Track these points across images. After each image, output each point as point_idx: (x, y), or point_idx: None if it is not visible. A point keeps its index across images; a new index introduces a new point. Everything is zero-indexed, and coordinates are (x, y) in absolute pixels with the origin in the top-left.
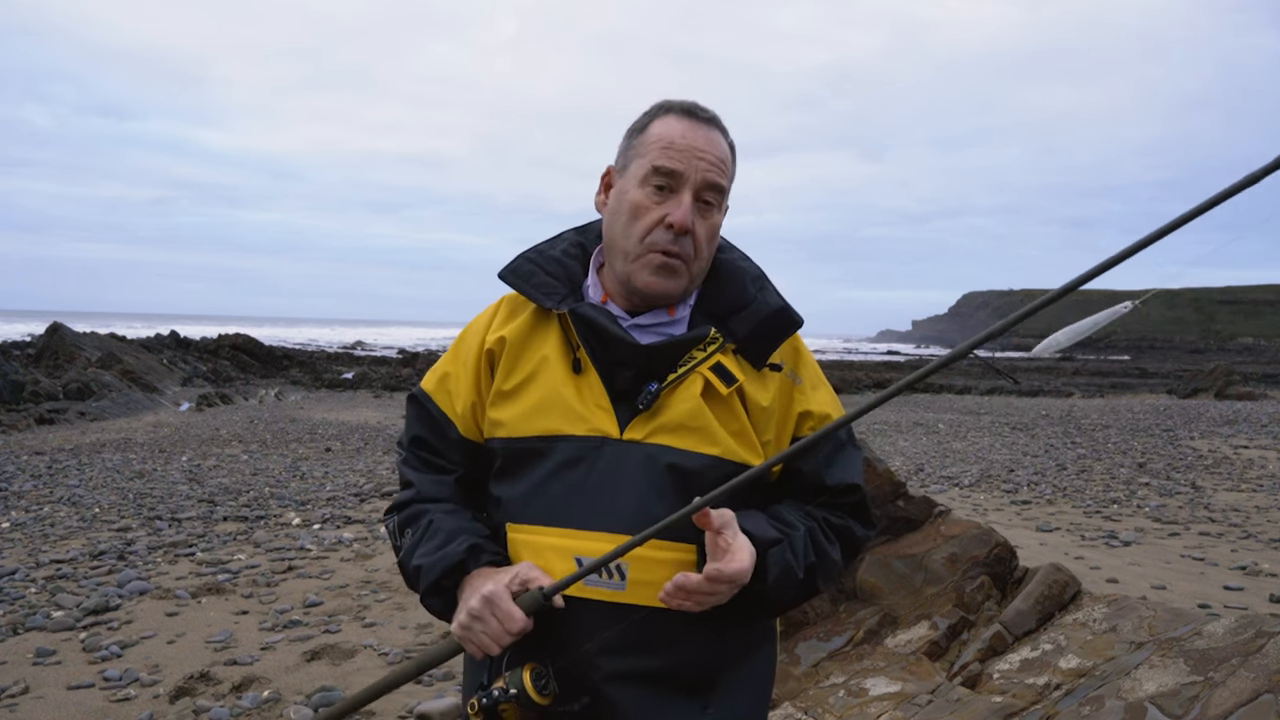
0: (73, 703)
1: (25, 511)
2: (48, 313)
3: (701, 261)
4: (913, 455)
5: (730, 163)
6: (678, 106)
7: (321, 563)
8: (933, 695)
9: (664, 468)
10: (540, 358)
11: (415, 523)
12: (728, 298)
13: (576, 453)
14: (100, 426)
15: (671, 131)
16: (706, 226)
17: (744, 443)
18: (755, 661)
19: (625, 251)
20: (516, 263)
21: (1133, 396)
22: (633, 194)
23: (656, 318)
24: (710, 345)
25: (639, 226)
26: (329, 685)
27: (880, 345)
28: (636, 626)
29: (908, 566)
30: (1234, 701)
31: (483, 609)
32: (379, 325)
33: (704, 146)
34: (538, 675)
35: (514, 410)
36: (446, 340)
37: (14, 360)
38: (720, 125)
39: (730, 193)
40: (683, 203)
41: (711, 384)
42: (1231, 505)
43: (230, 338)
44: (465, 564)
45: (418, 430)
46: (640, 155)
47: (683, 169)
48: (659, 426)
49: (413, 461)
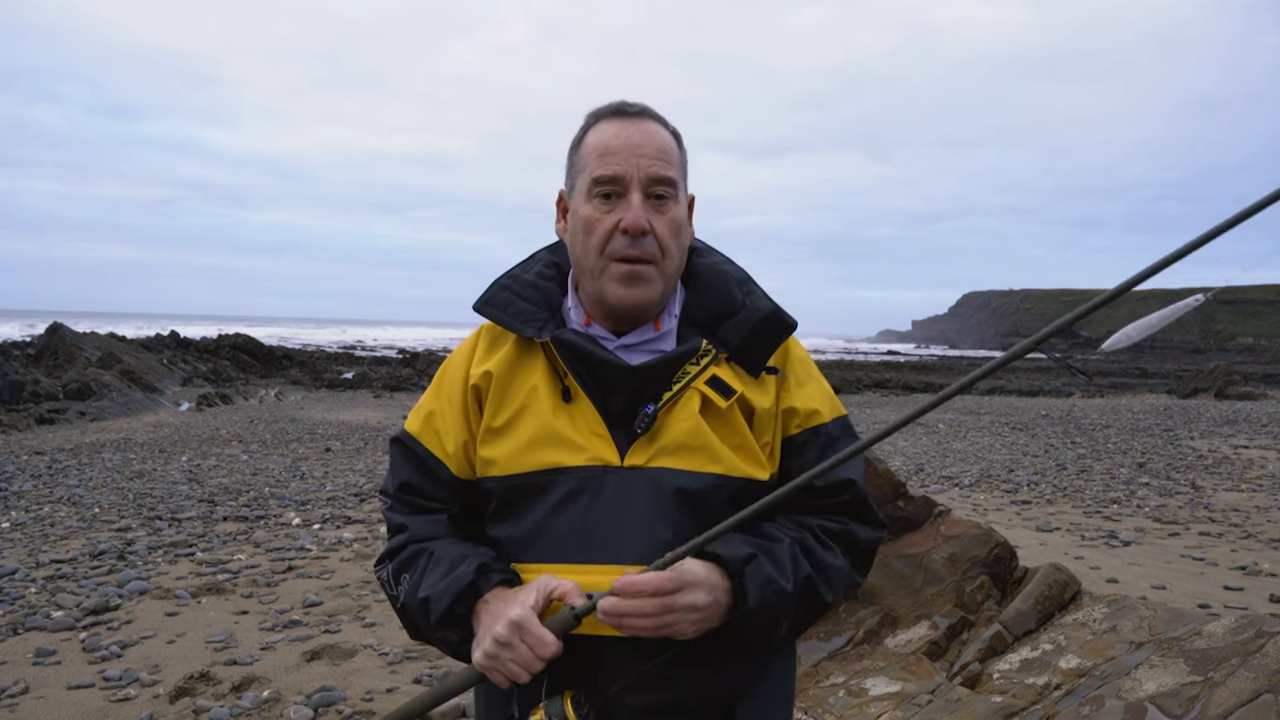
0: (73, 703)
1: (25, 511)
2: (48, 313)
3: (672, 260)
4: (913, 455)
5: (674, 150)
6: (605, 110)
7: (321, 563)
8: (933, 695)
9: (671, 492)
10: (529, 389)
11: (413, 564)
12: (714, 305)
13: (578, 484)
14: (100, 426)
15: (604, 137)
16: (665, 221)
17: (747, 456)
18: (776, 676)
19: (589, 269)
20: (490, 292)
21: (1133, 396)
22: (583, 210)
23: (643, 335)
24: (703, 358)
25: (595, 240)
26: (329, 685)
27: (880, 345)
28: (665, 656)
29: (908, 566)
30: (1234, 701)
31: (511, 635)
32: (380, 325)
33: (640, 141)
34: (579, 704)
35: (507, 447)
36: (447, 340)
37: (14, 360)
38: (654, 115)
39: (686, 181)
40: (633, 203)
41: (709, 399)
42: (1231, 505)
43: (230, 338)
44: (477, 585)
45: (405, 476)
46: (581, 170)
47: (623, 170)
48: (660, 449)
49: (400, 507)
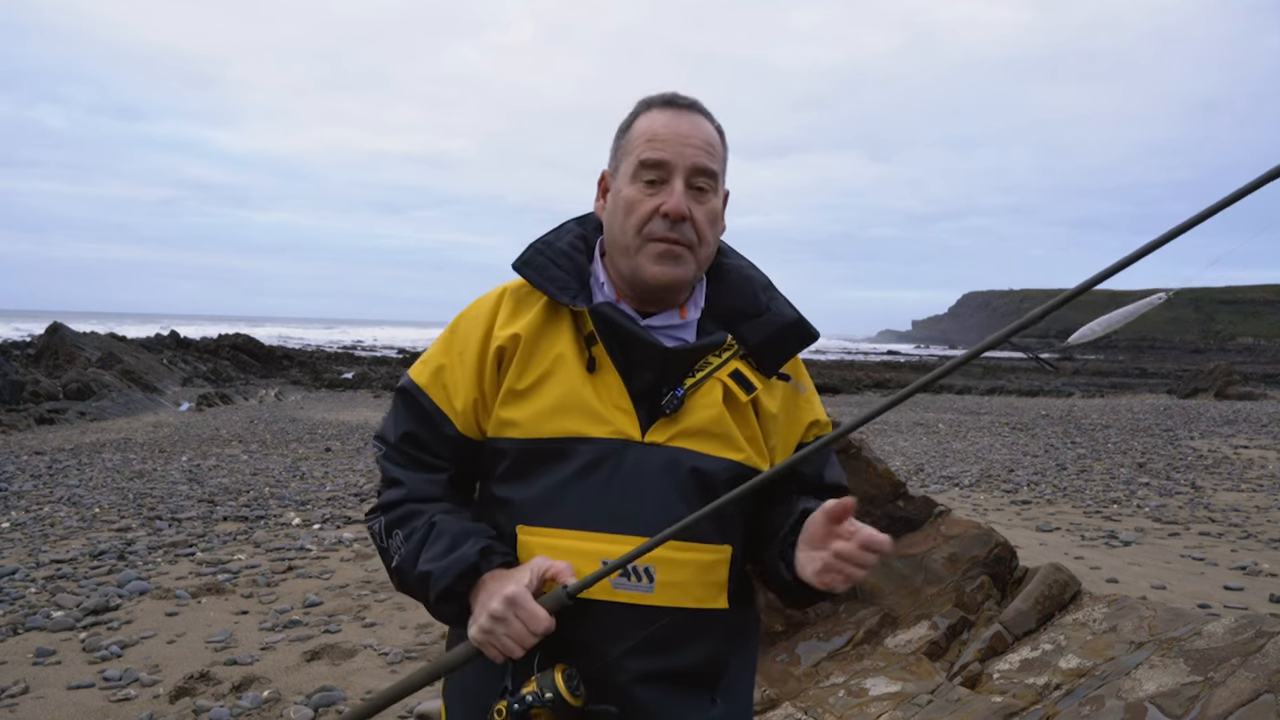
0: (73, 703)
1: (25, 511)
2: (48, 313)
3: (706, 248)
4: (913, 455)
5: (719, 145)
6: (658, 100)
7: (321, 563)
8: (933, 695)
9: (688, 471)
10: (555, 355)
11: (407, 523)
12: (738, 304)
13: (599, 455)
14: (100, 426)
15: (654, 124)
16: (704, 210)
17: (756, 449)
18: (749, 648)
19: (626, 247)
20: (529, 254)
21: (1133, 396)
22: (626, 191)
23: (668, 319)
24: (726, 351)
25: (635, 220)
26: (329, 685)
27: (880, 345)
28: (666, 628)
29: (908, 566)
30: (1234, 701)
31: (506, 610)
32: (381, 325)
33: (688, 132)
34: (569, 677)
35: (529, 410)
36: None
37: (14, 360)
38: (703, 110)
39: (725, 177)
40: (675, 190)
41: (731, 391)
42: (1231, 505)
43: (230, 338)
44: (479, 567)
45: (408, 425)
46: (628, 153)
47: (670, 158)
48: (681, 430)
49: (398, 458)
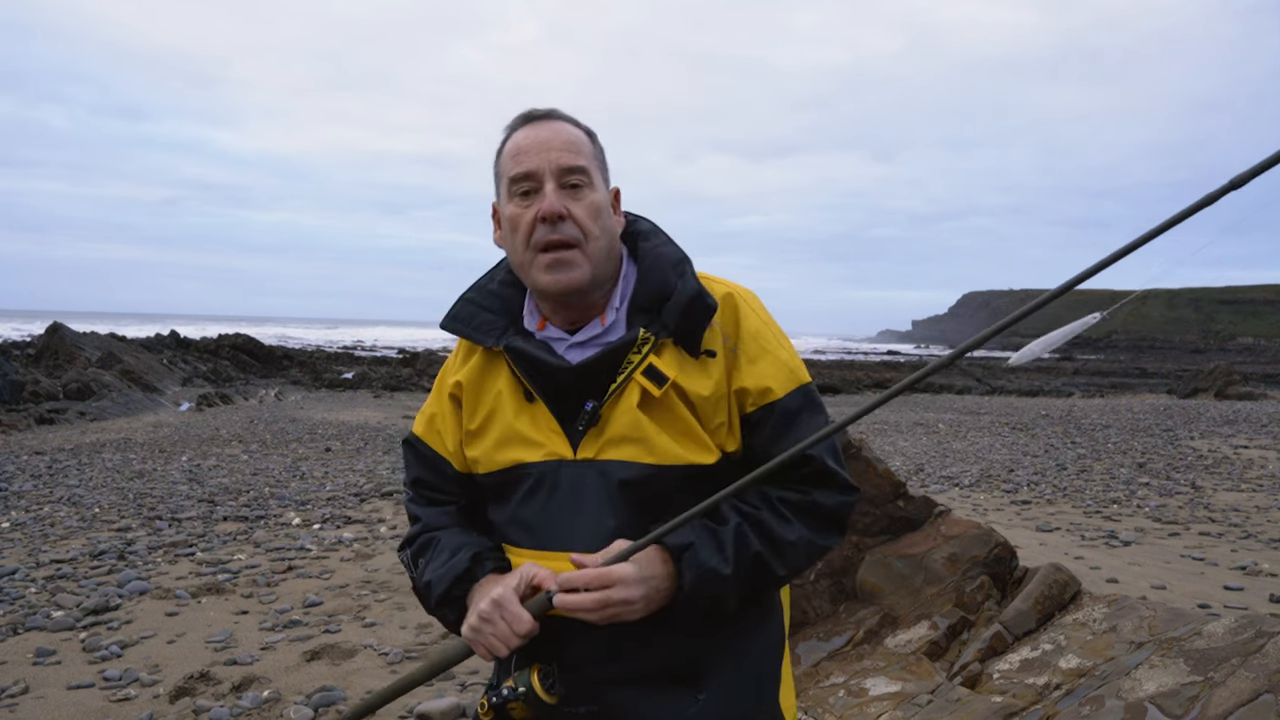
0: (73, 703)
1: (25, 511)
2: (49, 313)
3: (595, 241)
4: (913, 455)
5: (585, 142)
6: (517, 120)
7: (321, 563)
8: (933, 695)
9: (616, 483)
10: (495, 394)
11: (425, 551)
12: (655, 288)
13: (539, 478)
14: (100, 426)
15: (517, 141)
16: (583, 206)
17: (691, 442)
18: (749, 642)
19: (522, 264)
20: (456, 307)
21: (1133, 396)
22: (507, 210)
23: (591, 331)
24: (643, 345)
25: (520, 235)
26: (329, 685)
27: (880, 345)
28: (618, 633)
29: (908, 566)
30: (1234, 701)
31: (491, 611)
32: (381, 325)
33: (548, 138)
34: (545, 675)
35: (482, 447)
36: (447, 340)
37: (14, 360)
38: (562, 115)
39: (605, 173)
40: (546, 193)
41: (646, 389)
42: (1231, 505)
43: (230, 338)
44: (471, 572)
45: (416, 472)
46: (502, 176)
47: (536, 166)
48: (606, 441)
49: (415, 499)
